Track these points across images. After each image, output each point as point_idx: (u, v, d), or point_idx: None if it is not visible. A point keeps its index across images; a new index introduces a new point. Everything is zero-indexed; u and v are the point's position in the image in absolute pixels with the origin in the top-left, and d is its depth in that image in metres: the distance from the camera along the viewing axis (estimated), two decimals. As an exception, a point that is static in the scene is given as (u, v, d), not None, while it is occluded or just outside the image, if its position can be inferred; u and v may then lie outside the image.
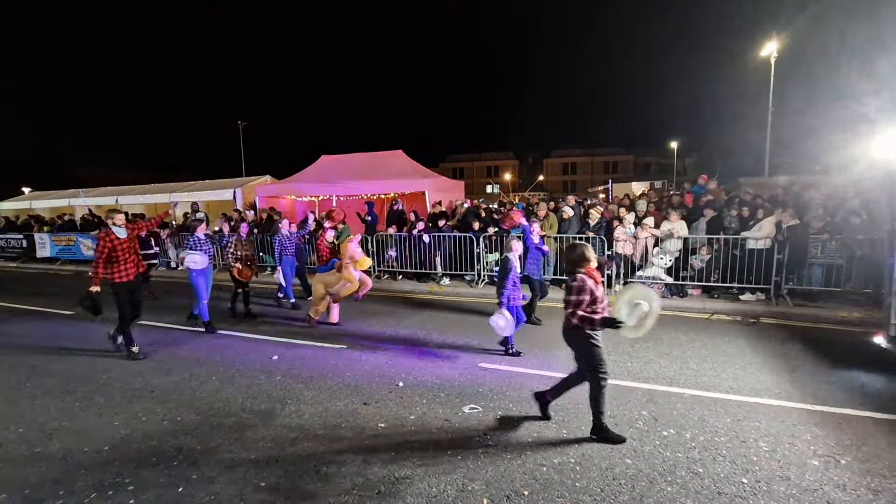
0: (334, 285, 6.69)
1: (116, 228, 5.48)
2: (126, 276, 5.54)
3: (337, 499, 2.95)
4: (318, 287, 6.81)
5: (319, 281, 6.82)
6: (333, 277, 6.69)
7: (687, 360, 5.25)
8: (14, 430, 3.99)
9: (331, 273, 6.79)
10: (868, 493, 2.90)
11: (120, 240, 5.47)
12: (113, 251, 5.41)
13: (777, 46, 18.90)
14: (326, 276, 6.82)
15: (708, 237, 8.03)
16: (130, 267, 5.60)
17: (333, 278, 6.69)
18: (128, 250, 5.55)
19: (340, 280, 6.61)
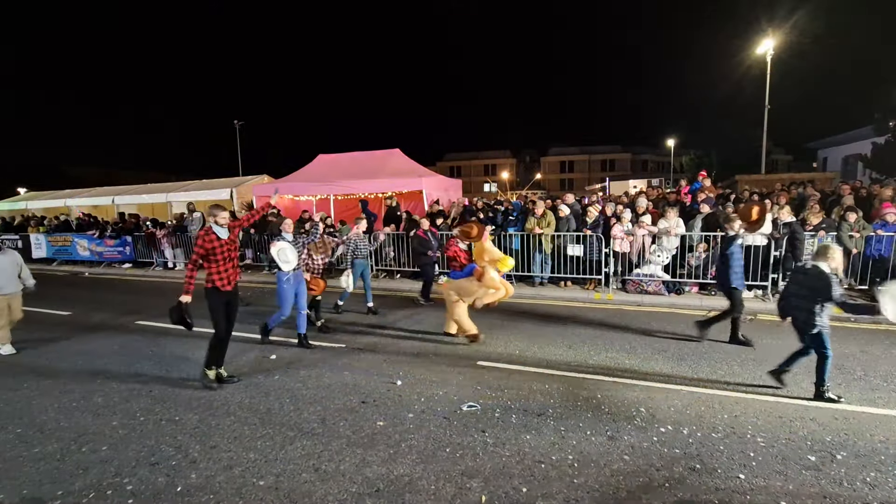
0: (473, 294, 5.72)
1: (218, 228, 4.72)
2: (223, 284, 4.73)
3: (336, 497, 2.95)
4: (450, 296, 5.88)
5: (453, 288, 5.87)
6: (472, 285, 5.67)
7: (684, 357, 5.27)
8: (12, 431, 3.99)
9: (468, 279, 5.71)
10: (864, 487, 2.92)
11: (221, 241, 4.70)
12: (212, 254, 4.64)
13: (773, 43, 18.93)
14: (462, 284, 5.79)
15: (705, 234, 8.05)
16: (231, 273, 4.81)
17: (472, 286, 5.67)
18: (227, 254, 4.77)
19: (481, 288, 5.62)
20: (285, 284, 5.80)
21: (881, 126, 20.12)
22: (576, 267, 8.67)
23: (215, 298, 4.75)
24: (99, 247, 13.94)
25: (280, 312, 5.92)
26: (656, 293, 8.05)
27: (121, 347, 6.24)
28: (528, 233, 9.00)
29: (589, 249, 8.53)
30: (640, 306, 7.71)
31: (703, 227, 8.25)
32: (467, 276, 5.74)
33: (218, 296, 4.74)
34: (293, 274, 5.81)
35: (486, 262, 5.64)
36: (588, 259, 8.57)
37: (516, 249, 9.25)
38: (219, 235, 4.70)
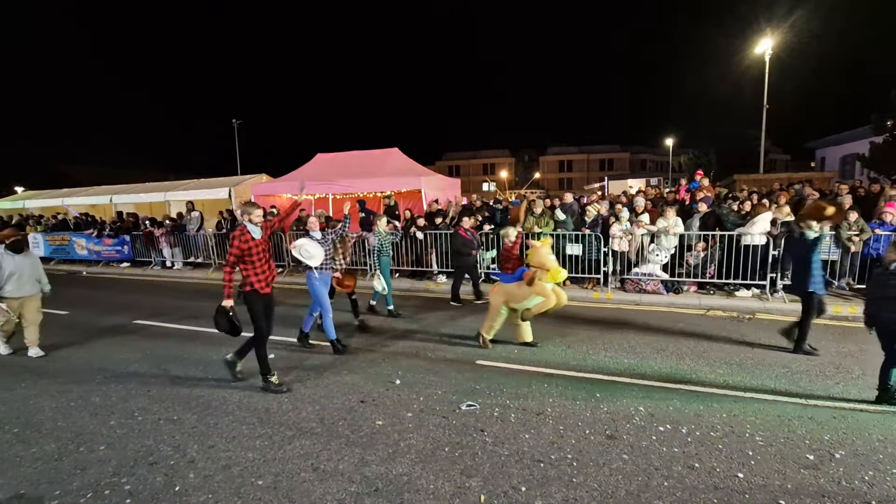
0: (521, 300, 5.43)
1: (252, 227, 4.53)
2: (262, 286, 4.57)
3: (335, 496, 2.95)
4: (497, 300, 5.62)
5: (501, 293, 5.60)
6: (521, 290, 5.39)
7: (683, 357, 5.28)
8: (9, 430, 3.97)
9: (518, 285, 5.44)
10: (863, 485, 2.93)
11: (255, 241, 4.51)
12: (247, 254, 4.46)
13: (772, 43, 18.95)
14: (511, 288, 5.52)
15: (703, 233, 8.05)
16: (268, 274, 4.64)
17: (521, 291, 5.40)
18: (263, 254, 4.59)
19: (530, 294, 5.32)
20: (317, 282, 5.61)
21: (879, 126, 20.16)
22: (574, 266, 8.67)
23: (256, 301, 4.56)
24: (97, 246, 13.91)
25: (324, 311, 5.65)
26: (655, 292, 8.06)
27: (119, 347, 6.22)
28: (526, 232, 9.00)
29: (588, 248, 8.54)
30: (638, 305, 7.72)
31: (702, 227, 8.27)
32: (517, 279, 5.47)
33: (258, 298, 4.58)
34: (323, 274, 5.62)
35: (538, 269, 5.25)
36: (587, 258, 8.58)
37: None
38: (253, 235, 4.51)
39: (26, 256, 5.88)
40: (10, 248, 5.72)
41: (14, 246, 5.76)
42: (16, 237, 5.91)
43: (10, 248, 5.72)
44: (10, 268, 5.66)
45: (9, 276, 5.65)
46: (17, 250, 5.75)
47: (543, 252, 5.32)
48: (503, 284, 5.67)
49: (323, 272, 5.62)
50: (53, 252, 14.76)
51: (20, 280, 5.73)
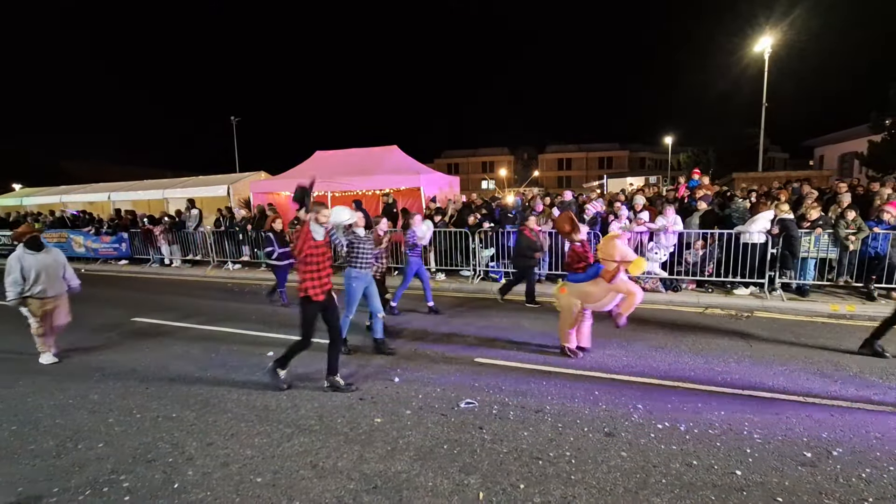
0: (599, 299, 5.03)
1: (317, 227, 4.25)
2: (316, 293, 4.28)
3: (333, 494, 2.95)
4: (570, 302, 5.16)
5: (575, 294, 5.14)
6: (597, 288, 4.97)
7: (681, 354, 5.28)
8: (7, 428, 3.97)
9: (594, 283, 4.99)
10: (860, 483, 2.94)
11: (316, 242, 4.24)
12: (310, 256, 4.21)
13: (771, 41, 18.94)
14: (586, 288, 5.06)
15: (702, 231, 8.06)
16: (325, 281, 4.35)
17: (598, 289, 4.97)
18: (322, 257, 4.30)
19: (609, 292, 4.94)
20: (354, 283, 5.28)
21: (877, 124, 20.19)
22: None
23: (309, 309, 4.34)
24: (95, 243, 13.88)
25: (346, 314, 5.32)
26: (653, 290, 8.06)
27: (117, 344, 6.22)
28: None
29: (587, 247, 8.52)
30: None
31: (701, 225, 8.27)
32: (591, 278, 5.00)
33: (311, 307, 4.33)
34: (361, 274, 5.32)
35: (616, 262, 4.79)
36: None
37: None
38: (315, 236, 4.23)
39: (47, 253, 5.52)
40: (28, 246, 5.37)
41: (32, 243, 5.39)
42: (32, 234, 5.48)
43: (28, 247, 5.37)
44: (34, 266, 5.32)
45: (37, 277, 5.32)
46: (35, 248, 5.39)
47: (617, 244, 4.89)
48: (574, 285, 5.17)
49: (362, 270, 5.33)
50: (51, 249, 14.71)
51: (48, 279, 5.41)
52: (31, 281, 5.30)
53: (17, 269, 5.24)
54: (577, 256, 5.25)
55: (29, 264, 5.30)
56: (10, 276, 5.25)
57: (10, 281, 5.24)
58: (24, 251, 5.34)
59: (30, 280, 5.29)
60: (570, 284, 5.24)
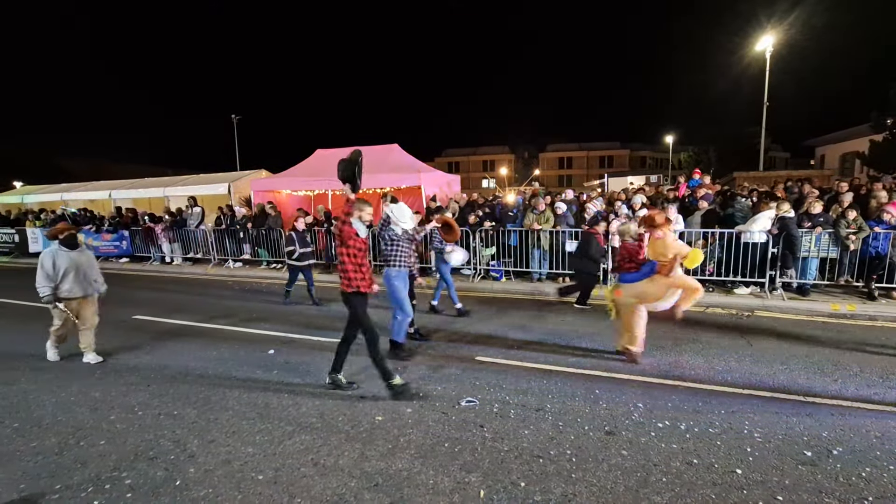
0: (658, 297, 4.78)
1: (360, 225, 4.27)
2: (367, 284, 4.32)
3: (334, 491, 2.96)
4: (630, 302, 4.93)
5: (631, 294, 4.91)
6: (656, 286, 4.75)
7: (682, 353, 5.29)
8: (9, 425, 3.98)
9: (650, 281, 4.78)
10: (860, 482, 2.94)
11: (361, 239, 4.28)
12: (356, 251, 4.25)
13: (773, 40, 18.91)
14: (642, 287, 4.85)
15: (703, 230, 8.06)
16: (370, 276, 4.39)
17: (656, 287, 4.75)
18: (365, 254, 4.38)
19: (668, 289, 4.70)
20: (395, 282, 5.12)
21: (879, 124, 20.17)
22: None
23: (361, 303, 4.33)
24: (95, 241, 13.88)
25: (403, 315, 5.22)
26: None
27: (118, 342, 6.22)
28: (526, 229, 9.00)
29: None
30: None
31: (702, 224, 8.27)
32: (647, 276, 4.82)
33: (363, 299, 4.34)
34: (401, 272, 5.21)
35: (673, 258, 4.59)
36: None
37: (514, 245, 9.26)
38: (359, 232, 4.25)
39: (81, 253, 5.39)
40: (63, 243, 5.24)
41: (68, 241, 5.26)
42: (69, 231, 5.35)
43: (63, 244, 5.24)
44: (66, 265, 5.17)
45: (65, 275, 5.18)
46: (71, 246, 5.27)
47: (670, 239, 4.70)
48: (630, 285, 4.94)
49: (400, 269, 5.22)
50: (52, 247, 14.73)
51: (77, 279, 5.26)
52: (60, 279, 5.17)
53: (49, 266, 5.12)
54: (627, 255, 4.99)
55: (62, 262, 5.17)
56: (43, 272, 5.12)
57: (43, 277, 5.12)
58: (60, 248, 5.21)
59: (58, 278, 5.17)
60: (624, 285, 5.01)
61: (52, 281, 5.14)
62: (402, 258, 5.27)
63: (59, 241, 5.25)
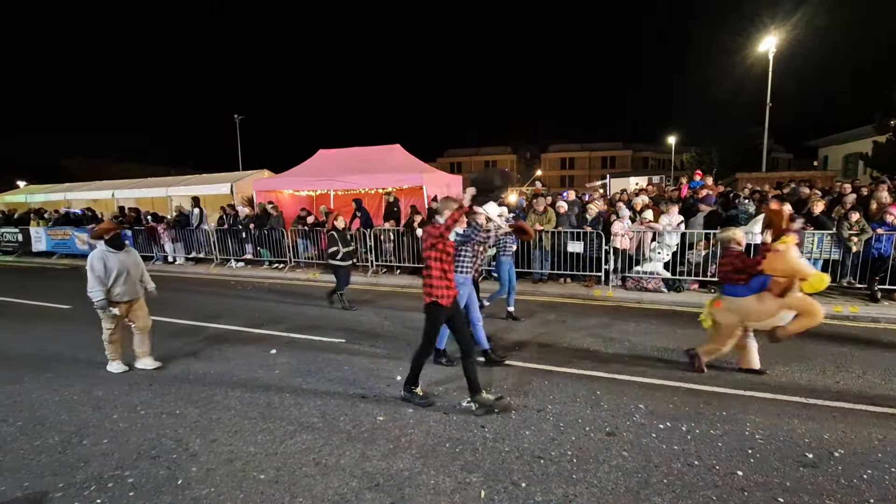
0: (765, 316, 4.36)
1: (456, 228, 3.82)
2: (448, 297, 3.90)
3: (336, 491, 2.97)
4: (730, 319, 4.50)
5: (735, 311, 4.47)
6: (763, 304, 4.33)
7: (683, 354, 5.27)
8: (13, 424, 4.00)
9: (759, 297, 4.35)
10: (861, 484, 2.94)
11: (450, 242, 3.83)
12: (445, 256, 3.85)
13: (776, 41, 18.86)
14: (749, 303, 4.41)
15: (706, 231, 8.05)
16: (454, 284, 3.97)
17: (766, 307, 4.32)
18: (453, 259, 3.96)
19: (779, 309, 4.27)
20: (461, 289, 4.66)
21: (882, 125, 20.10)
22: (575, 263, 8.67)
23: (439, 315, 3.93)
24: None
25: (472, 319, 4.93)
26: (656, 290, 8.07)
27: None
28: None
29: (589, 246, 8.54)
30: (639, 303, 7.72)
31: (705, 225, 8.25)
32: (755, 292, 4.37)
33: (441, 313, 3.92)
34: (468, 278, 4.87)
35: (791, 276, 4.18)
36: (588, 256, 8.57)
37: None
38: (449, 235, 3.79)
39: (128, 253, 5.07)
40: (109, 243, 4.90)
41: (114, 241, 4.94)
42: (115, 231, 5.01)
43: (110, 245, 4.90)
44: (117, 267, 4.86)
45: (116, 277, 4.86)
46: (118, 246, 4.94)
47: (792, 256, 4.18)
48: (735, 300, 4.47)
49: (465, 275, 4.86)
50: (55, 246, 14.80)
51: (127, 281, 4.97)
52: (111, 282, 4.86)
53: (101, 268, 4.78)
54: (731, 264, 4.52)
55: (111, 264, 4.85)
56: (94, 275, 4.78)
57: (95, 281, 4.78)
58: (106, 249, 4.88)
59: (110, 281, 4.85)
60: (727, 298, 4.54)
61: (104, 284, 4.81)
62: (469, 263, 4.87)
63: (106, 242, 4.92)
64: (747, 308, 4.42)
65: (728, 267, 4.57)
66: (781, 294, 4.21)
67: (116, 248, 4.93)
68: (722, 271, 4.68)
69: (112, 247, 4.92)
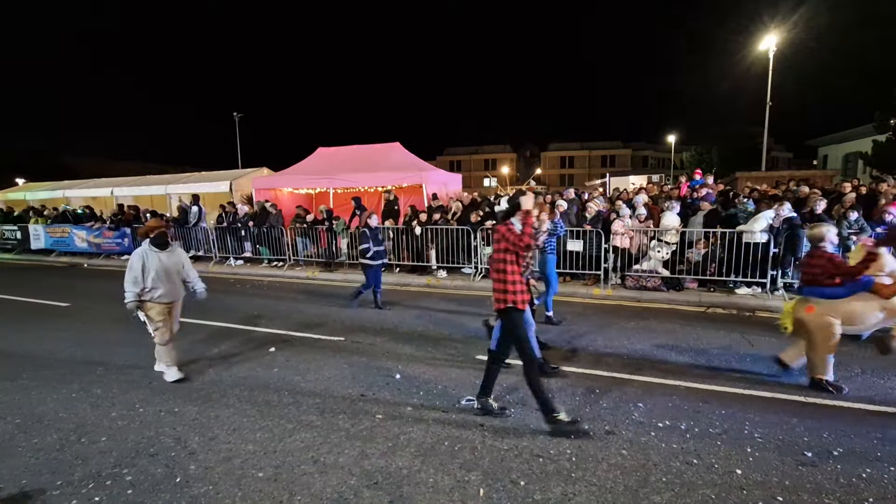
0: (865, 320, 4.13)
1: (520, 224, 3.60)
2: (523, 300, 3.65)
3: (335, 489, 2.96)
4: (827, 322, 4.16)
5: (833, 313, 4.15)
6: (866, 305, 4.08)
7: (682, 353, 5.28)
8: (11, 421, 3.99)
9: (861, 298, 4.09)
10: (860, 483, 2.94)
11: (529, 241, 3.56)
12: (521, 258, 3.61)
13: (776, 40, 18.84)
14: (849, 305, 4.13)
15: (705, 230, 8.04)
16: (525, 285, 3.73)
17: (866, 306, 4.08)
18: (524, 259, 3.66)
19: (882, 310, 4.07)
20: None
21: (882, 124, 20.09)
22: (575, 262, 8.67)
23: (518, 321, 3.65)
24: (97, 238, 13.91)
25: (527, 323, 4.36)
26: (655, 289, 8.06)
27: (120, 338, 6.23)
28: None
29: (588, 245, 8.53)
30: (639, 302, 7.72)
31: (705, 224, 8.25)
32: (853, 293, 4.11)
33: (518, 317, 3.66)
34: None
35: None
36: (587, 254, 8.57)
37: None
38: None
39: (172, 254, 4.84)
40: (154, 242, 4.70)
41: (159, 240, 4.72)
42: (160, 229, 4.78)
43: (154, 244, 4.70)
44: (157, 267, 4.65)
45: (156, 277, 4.64)
46: (162, 245, 4.74)
47: (889, 257, 4.07)
48: (829, 302, 4.18)
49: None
50: (54, 244, 14.78)
51: (168, 282, 4.74)
52: (150, 283, 4.63)
53: (139, 268, 4.60)
54: (830, 268, 4.19)
55: (152, 263, 4.64)
56: (131, 274, 4.59)
57: (131, 280, 4.59)
58: (150, 248, 4.68)
59: (148, 281, 4.63)
60: (821, 302, 4.23)
61: (139, 285, 4.60)
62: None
63: (150, 240, 4.71)
64: (849, 310, 4.11)
65: (817, 269, 4.24)
66: (890, 296, 3.98)
67: (160, 248, 4.73)
68: (809, 273, 4.33)
69: (156, 246, 4.71)
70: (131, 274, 4.59)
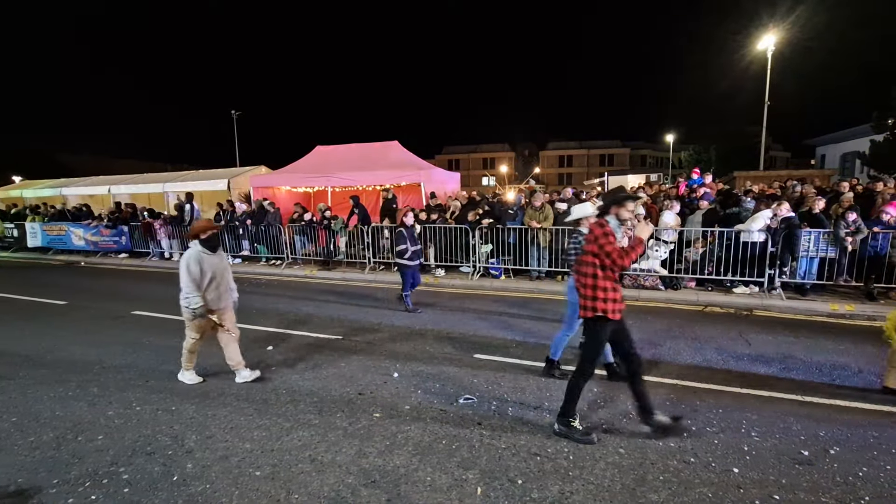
0: None
1: (616, 224, 3.38)
2: (614, 310, 3.33)
3: (332, 488, 2.96)
4: None
5: None
6: None
7: (679, 352, 5.29)
8: (7, 420, 3.97)
9: None
10: (856, 481, 2.95)
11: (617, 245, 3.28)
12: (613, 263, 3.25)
13: (774, 40, 18.86)
14: None
15: (703, 230, 8.05)
16: (620, 295, 3.40)
17: None
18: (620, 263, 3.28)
19: None
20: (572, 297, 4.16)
21: (880, 124, 20.14)
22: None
23: (603, 331, 3.39)
24: (94, 236, 13.87)
25: (565, 331, 4.58)
26: (653, 288, 8.07)
27: (117, 337, 6.22)
28: (525, 226, 8.98)
29: (587, 244, 8.50)
30: (636, 301, 7.72)
31: (703, 223, 8.25)
32: None
33: (606, 327, 3.38)
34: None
35: None
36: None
37: (512, 243, 9.24)
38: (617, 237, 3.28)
39: (221, 257, 4.62)
40: (205, 244, 4.42)
41: (210, 242, 4.44)
42: (213, 231, 4.50)
43: (205, 246, 4.42)
44: (211, 270, 4.40)
45: (210, 281, 4.41)
46: (213, 248, 4.46)
47: None
48: None
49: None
50: (51, 242, 14.73)
51: (221, 286, 4.53)
52: (203, 286, 4.38)
53: (197, 271, 4.31)
54: None
55: (206, 267, 4.38)
56: (191, 278, 4.29)
57: (193, 284, 4.30)
58: (202, 251, 4.40)
59: (203, 286, 4.38)
60: None
61: (200, 289, 4.35)
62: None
63: (201, 242, 4.43)
64: None
65: None
66: None
67: (212, 250, 4.46)
68: None
69: (207, 248, 4.43)
70: (190, 278, 4.29)
